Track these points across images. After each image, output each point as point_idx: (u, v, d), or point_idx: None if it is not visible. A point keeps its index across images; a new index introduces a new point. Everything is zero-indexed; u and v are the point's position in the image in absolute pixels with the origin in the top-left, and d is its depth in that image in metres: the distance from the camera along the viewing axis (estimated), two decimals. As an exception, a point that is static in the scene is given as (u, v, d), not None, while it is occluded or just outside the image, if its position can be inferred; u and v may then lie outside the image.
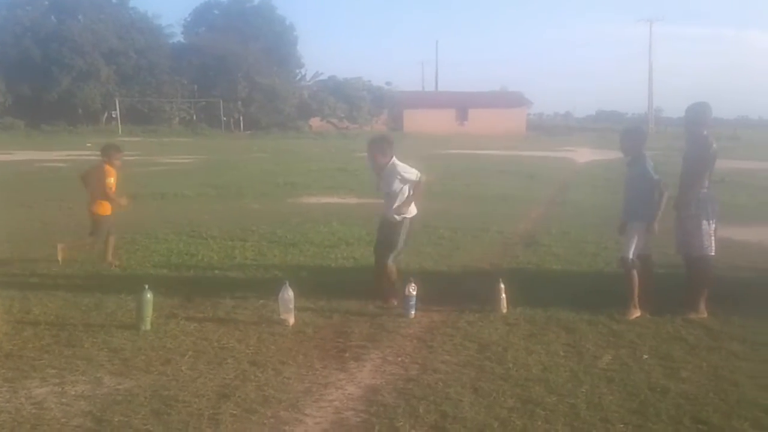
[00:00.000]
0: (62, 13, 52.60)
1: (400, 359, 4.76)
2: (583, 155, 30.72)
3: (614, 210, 6.67)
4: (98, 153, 7.84)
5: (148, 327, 5.26)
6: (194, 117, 54.10)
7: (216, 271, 7.42)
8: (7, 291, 6.21)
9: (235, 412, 3.89)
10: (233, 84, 52.30)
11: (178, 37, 60.18)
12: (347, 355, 4.84)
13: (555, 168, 23.46)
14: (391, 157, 6.21)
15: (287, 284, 5.53)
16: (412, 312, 5.67)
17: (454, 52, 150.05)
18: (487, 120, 59.45)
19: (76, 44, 48.88)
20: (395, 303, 5.92)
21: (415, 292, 5.69)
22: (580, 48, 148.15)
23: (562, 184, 17.88)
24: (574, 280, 7.14)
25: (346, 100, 56.51)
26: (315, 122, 57.14)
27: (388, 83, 63.25)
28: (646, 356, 4.83)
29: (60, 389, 4.21)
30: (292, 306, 5.49)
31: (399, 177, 6.09)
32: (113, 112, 50.87)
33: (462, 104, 63.65)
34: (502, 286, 5.82)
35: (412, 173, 6.12)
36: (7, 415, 3.84)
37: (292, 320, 5.47)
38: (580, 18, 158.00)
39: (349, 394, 4.18)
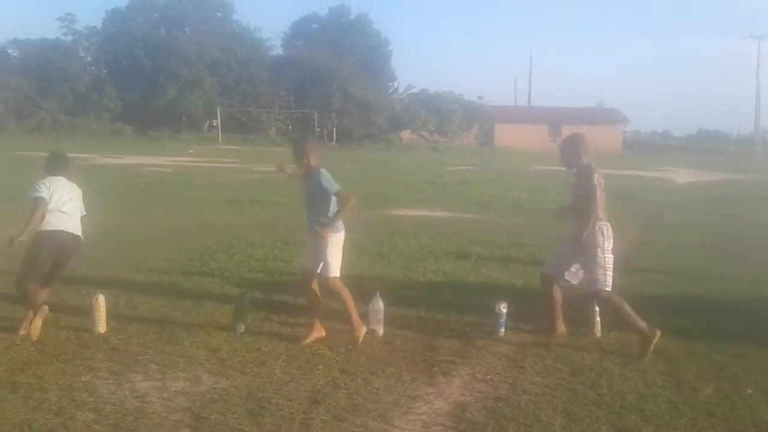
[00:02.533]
0: (171, 26, 55.44)
1: (489, 377, 4.71)
2: (683, 176, 29.45)
3: (717, 234, 6.37)
4: (200, 159, 8.14)
5: (244, 329, 5.45)
6: (290, 127, 55.63)
7: (308, 279, 7.57)
8: (115, 289, 6.58)
9: (325, 418, 3.96)
10: (328, 96, 53.46)
11: (278, 50, 62.14)
12: (436, 369, 4.84)
13: (652, 188, 22.60)
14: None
15: (377, 295, 5.59)
16: (502, 330, 5.60)
17: (548, 66, 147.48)
18: (581, 136, 57.93)
19: (183, 55, 51.34)
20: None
21: (505, 310, 5.62)
22: (680, 64, 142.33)
23: (659, 205, 17.20)
24: (672, 306, 6.84)
25: (438, 113, 56.57)
26: (406, 135, 57.51)
27: (480, 97, 62.92)
28: (750, 391, 4.57)
29: (161, 384, 4.42)
30: (381, 317, 5.55)
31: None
32: (214, 120, 53.05)
33: (555, 120, 62.35)
34: (597, 308, 5.66)
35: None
36: (112, 407, 4.06)
37: (381, 331, 5.52)
38: (682, 34, 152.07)
39: (437, 408, 4.17)
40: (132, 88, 51.38)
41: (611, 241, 5.50)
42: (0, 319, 5.66)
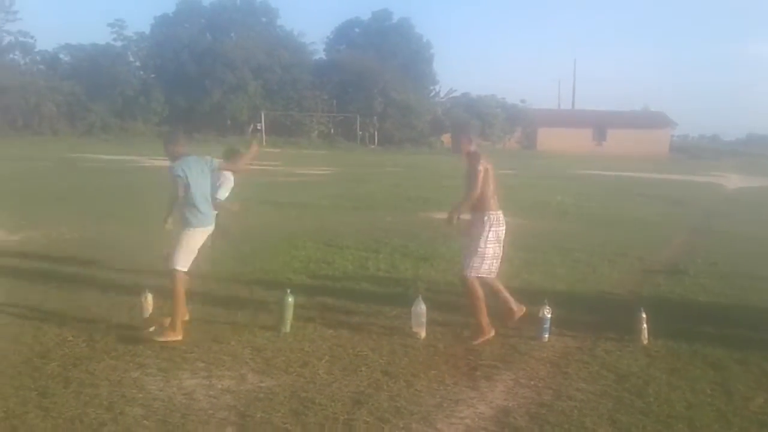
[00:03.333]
0: (217, 31, 56.40)
1: (532, 383, 4.67)
2: (733, 181, 28.70)
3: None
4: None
5: (288, 329, 5.51)
6: (332, 131, 56.01)
7: (351, 281, 7.63)
8: (163, 287, 6.71)
9: (368, 419, 3.98)
10: (370, 99, 53.66)
11: (321, 54, 62.63)
12: (478, 373, 4.82)
13: (700, 193, 22.07)
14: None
15: (420, 298, 5.60)
16: (546, 335, 5.55)
17: (593, 69, 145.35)
18: (626, 140, 57.00)
19: (228, 60, 52.16)
20: None
21: (549, 315, 5.57)
22: (730, 68, 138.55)
23: (708, 210, 16.79)
24: (723, 314, 6.67)
25: (479, 117, 56.19)
26: (447, 138, 57.31)
27: (522, 101, 62.30)
28: (805, 402, 4.44)
29: (208, 382, 4.51)
30: (424, 320, 5.55)
31: None
32: (258, 124, 53.70)
33: (600, 123, 61.46)
34: (644, 315, 5.56)
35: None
36: (160, 403, 4.16)
37: (423, 334, 5.52)
38: (731, 37, 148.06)
39: (480, 413, 4.16)
40: (178, 92, 52.41)
41: (499, 230, 5.50)
42: (51, 315, 5.84)
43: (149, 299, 5.54)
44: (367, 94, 53.69)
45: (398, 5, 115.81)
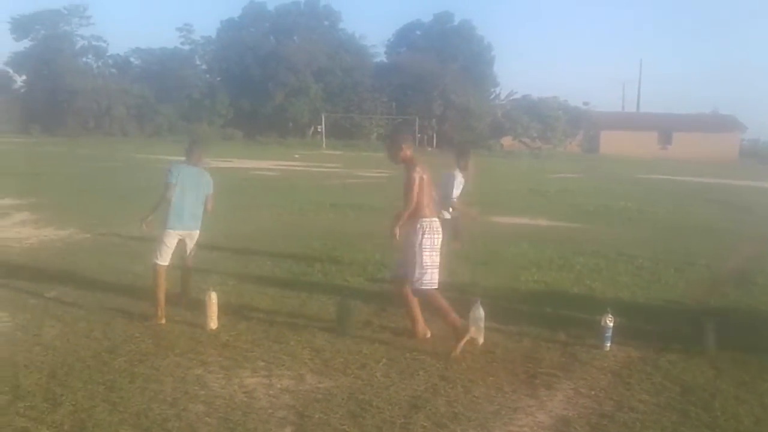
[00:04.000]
0: (280, 35, 57.38)
1: (593, 393, 4.58)
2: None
3: None
4: (305, 164, 8.29)
5: (347, 331, 5.56)
6: (391, 133, 56.24)
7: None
8: (226, 287, 6.90)
9: (425, 424, 3.98)
10: (429, 102, 53.62)
11: (381, 57, 62.94)
12: (537, 381, 4.76)
13: (774, 200, 21.16)
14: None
15: (478, 303, 5.56)
16: (608, 344, 5.43)
17: (659, 71, 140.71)
18: (693, 144, 55.14)
19: (291, 63, 53.02)
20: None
21: (611, 324, 5.44)
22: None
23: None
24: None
25: (540, 119, 55.36)
26: (507, 141, 56.68)
27: (585, 103, 60.96)
28: None
29: (268, 381, 4.59)
30: (482, 325, 5.50)
31: None
32: (319, 126, 54.40)
33: (665, 127, 59.66)
34: (711, 325, 5.38)
35: None
36: (222, 401, 4.26)
37: (481, 339, 5.48)
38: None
39: (539, 421, 4.10)
40: (242, 95, 53.57)
41: (436, 237, 5.34)
42: (119, 312, 6.06)
43: (213, 298, 5.68)
44: (426, 96, 53.66)
45: (460, 7, 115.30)
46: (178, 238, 6.07)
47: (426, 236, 5.37)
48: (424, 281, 5.38)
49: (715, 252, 10.39)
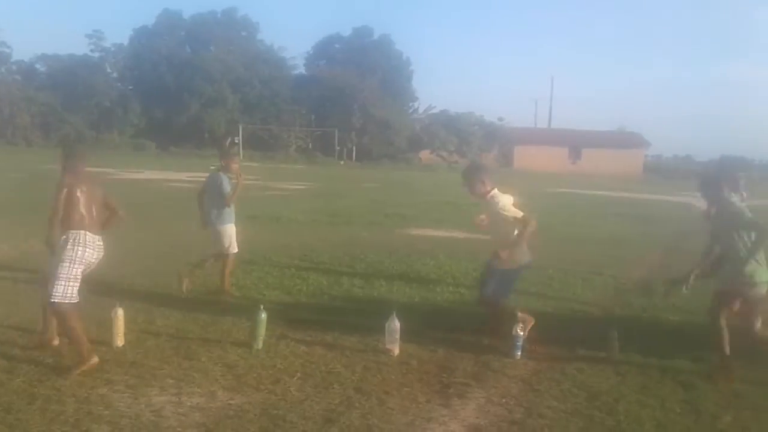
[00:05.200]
0: (196, 44, 56.40)
1: (504, 400, 4.67)
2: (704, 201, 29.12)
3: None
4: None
5: (260, 346, 5.46)
6: (310, 145, 56.01)
7: (325, 297, 7.61)
8: (133, 303, 6.63)
9: (339, 437, 3.95)
10: (348, 115, 53.85)
11: (300, 69, 62.83)
12: (451, 391, 4.81)
13: (674, 213, 22.37)
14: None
15: (394, 315, 5.58)
16: (519, 353, 5.56)
17: (570, 89, 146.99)
18: (601, 160, 57.75)
19: (207, 73, 52.13)
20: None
21: (522, 333, 5.59)
22: (703, 89, 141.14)
23: (681, 230, 17.01)
24: (694, 333, 6.72)
25: (457, 134, 56.70)
26: (425, 155, 57.63)
27: (500, 119, 62.98)
28: (771, 421, 4.50)
29: (177, 399, 4.44)
30: (397, 336, 5.53)
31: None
32: (236, 137, 53.56)
33: (575, 143, 62.24)
34: (615, 333, 5.61)
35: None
36: (128, 420, 4.09)
37: (397, 351, 5.51)
38: (704, 59, 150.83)
39: (451, 431, 4.15)
40: (156, 105, 52.21)
41: (80, 250, 5.01)
42: (19, 330, 5.73)
43: (120, 314, 5.45)
44: (346, 109, 53.88)
45: (379, 22, 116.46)
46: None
47: (71, 250, 4.98)
48: (60, 294, 4.90)
49: (620, 262, 10.87)
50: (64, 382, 4.61)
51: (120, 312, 5.47)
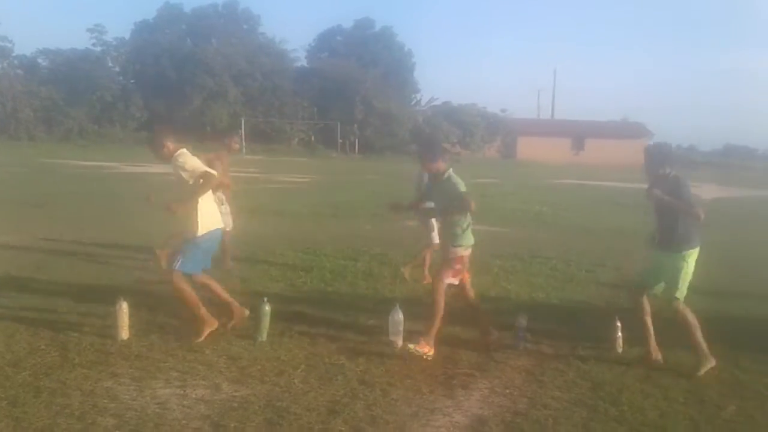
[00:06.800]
0: (197, 37, 56.16)
1: (508, 391, 4.68)
2: (709, 191, 29.04)
3: (748, 253, 6.28)
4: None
5: (265, 338, 5.48)
6: (312, 138, 55.93)
7: (329, 289, 7.62)
8: (138, 296, 6.64)
9: (343, 429, 3.97)
10: (351, 107, 53.71)
11: (302, 62, 62.55)
12: (455, 382, 4.82)
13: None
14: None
15: (397, 306, 5.59)
16: (522, 344, 5.57)
17: (572, 80, 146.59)
18: (604, 150, 57.63)
19: (209, 66, 51.93)
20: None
21: (526, 324, 5.59)
22: (708, 79, 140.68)
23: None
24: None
25: (460, 125, 56.56)
26: (428, 147, 57.50)
27: (503, 110, 62.86)
28: (775, 410, 4.50)
29: (182, 392, 4.45)
30: (401, 328, 5.54)
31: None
32: (238, 130, 53.49)
33: (578, 133, 62.13)
34: (619, 324, 5.61)
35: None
36: (133, 413, 4.11)
37: (400, 342, 5.51)
38: (708, 49, 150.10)
39: (455, 422, 4.16)
40: (158, 98, 52.04)
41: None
42: (22, 323, 5.75)
43: (124, 307, 5.47)
44: (348, 102, 53.73)
45: (381, 14, 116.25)
46: None
47: None
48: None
49: (625, 253, 10.84)
50: (69, 375, 4.63)
51: (124, 305, 5.48)
